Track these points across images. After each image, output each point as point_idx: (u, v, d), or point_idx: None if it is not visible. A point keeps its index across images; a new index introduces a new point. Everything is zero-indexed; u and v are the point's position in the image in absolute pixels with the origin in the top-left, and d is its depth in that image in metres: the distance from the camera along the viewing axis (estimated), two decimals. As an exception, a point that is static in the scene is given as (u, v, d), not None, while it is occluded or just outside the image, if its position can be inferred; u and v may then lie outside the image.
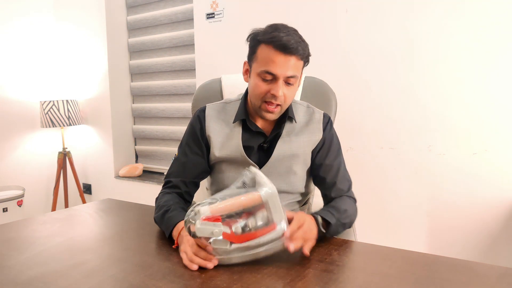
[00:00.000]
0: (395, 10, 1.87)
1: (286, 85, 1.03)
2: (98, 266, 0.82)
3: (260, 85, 1.04)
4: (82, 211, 1.24)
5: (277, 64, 1.00)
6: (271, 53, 1.00)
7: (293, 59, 1.00)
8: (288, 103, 1.07)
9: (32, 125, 3.06)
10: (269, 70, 1.01)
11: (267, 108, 1.05)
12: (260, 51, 1.03)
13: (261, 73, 1.03)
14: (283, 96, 1.03)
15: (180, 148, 1.19)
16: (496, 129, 1.70)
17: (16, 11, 2.93)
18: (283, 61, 1.00)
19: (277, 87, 1.01)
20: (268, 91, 1.03)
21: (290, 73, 1.01)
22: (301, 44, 1.01)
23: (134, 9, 3.04)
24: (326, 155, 1.15)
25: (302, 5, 2.10)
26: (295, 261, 0.84)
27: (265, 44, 1.01)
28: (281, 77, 1.01)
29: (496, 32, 1.67)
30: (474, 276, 0.76)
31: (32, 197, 3.08)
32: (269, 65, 1.01)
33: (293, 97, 1.08)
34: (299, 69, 1.04)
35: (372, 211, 2.00)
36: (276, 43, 0.99)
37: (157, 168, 3.06)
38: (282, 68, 1.00)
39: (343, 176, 1.15)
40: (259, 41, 1.03)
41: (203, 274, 0.78)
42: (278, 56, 1.00)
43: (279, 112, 1.07)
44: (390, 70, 1.90)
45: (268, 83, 1.03)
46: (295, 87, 1.06)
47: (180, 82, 2.84)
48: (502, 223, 1.73)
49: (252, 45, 1.06)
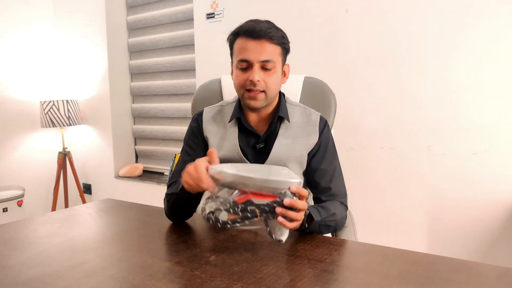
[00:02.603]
0: (395, 10, 1.87)
1: (263, 70, 1.05)
2: (98, 266, 0.82)
3: (239, 75, 1.07)
4: (82, 211, 1.24)
5: (249, 50, 1.04)
6: (243, 41, 1.05)
7: (265, 43, 1.04)
8: (272, 89, 1.07)
9: (32, 125, 3.06)
10: (243, 57, 1.05)
11: (249, 95, 1.07)
12: (235, 45, 1.08)
13: (237, 63, 1.07)
14: (262, 81, 1.05)
15: (181, 151, 1.21)
16: (496, 129, 1.70)
17: (16, 11, 2.93)
18: (254, 46, 1.04)
19: (253, 73, 1.04)
20: (247, 79, 1.05)
21: (264, 57, 1.04)
22: (273, 30, 1.04)
23: (134, 9, 3.04)
24: (321, 160, 1.14)
25: (302, 5, 2.10)
26: (295, 261, 0.84)
27: (237, 36, 1.07)
28: (255, 62, 1.04)
29: (496, 32, 1.67)
30: (474, 276, 0.76)
31: (32, 197, 3.08)
32: (242, 53, 1.05)
33: (277, 84, 1.09)
34: (275, 55, 1.06)
35: (372, 211, 2.00)
36: (244, 30, 1.05)
37: (157, 168, 3.06)
38: (254, 53, 1.04)
39: (337, 182, 1.15)
40: (233, 35, 1.09)
41: (203, 274, 0.78)
42: (248, 42, 1.04)
43: (265, 100, 1.08)
44: (390, 70, 1.90)
45: (246, 72, 1.06)
46: (275, 73, 1.07)
47: (180, 82, 2.84)
48: (502, 223, 1.73)
49: (229, 43, 1.11)
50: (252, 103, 1.08)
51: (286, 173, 0.91)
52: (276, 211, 0.84)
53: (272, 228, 0.88)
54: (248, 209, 0.83)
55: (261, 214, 0.84)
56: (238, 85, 1.08)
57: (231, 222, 0.85)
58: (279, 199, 0.84)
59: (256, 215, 0.84)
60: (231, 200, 0.83)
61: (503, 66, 1.67)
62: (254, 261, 0.83)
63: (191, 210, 1.08)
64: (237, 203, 0.83)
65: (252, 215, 0.83)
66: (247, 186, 0.83)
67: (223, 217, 0.84)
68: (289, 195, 0.84)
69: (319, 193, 1.14)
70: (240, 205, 0.83)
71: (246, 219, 0.84)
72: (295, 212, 0.86)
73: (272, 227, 0.88)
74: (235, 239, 0.96)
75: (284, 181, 0.84)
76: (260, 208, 0.83)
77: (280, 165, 1.11)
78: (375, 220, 2.00)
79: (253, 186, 0.83)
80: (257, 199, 0.83)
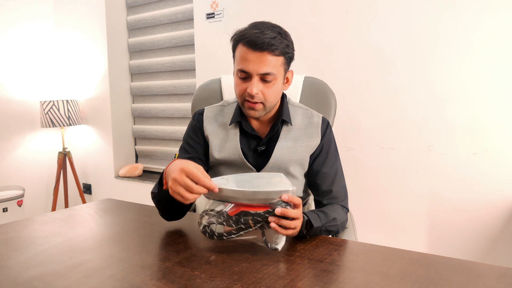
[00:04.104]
0: (395, 10, 1.87)
1: (263, 82, 1.02)
2: (98, 266, 0.82)
3: (238, 84, 1.05)
4: (82, 211, 1.24)
5: (249, 62, 1.00)
6: (244, 51, 1.01)
7: (267, 55, 0.99)
8: (270, 101, 1.05)
9: (32, 125, 3.06)
10: (242, 68, 1.02)
11: (248, 105, 1.05)
12: (237, 51, 1.05)
13: (237, 72, 1.04)
14: (260, 94, 1.02)
15: (180, 149, 1.20)
16: (496, 129, 1.70)
17: (17, 11, 2.93)
18: (254, 58, 1.00)
19: (252, 85, 1.01)
20: (245, 90, 1.03)
21: (264, 70, 1.00)
22: (277, 40, 1.00)
23: (134, 9, 3.04)
24: (323, 163, 1.13)
25: (302, 5, 2.10)
26: (295, 261, 0.84)
27: (239, 42, 1.03)
28: (254, 74, 1.01)
29: (496, 32, 1.67)
30: (474, 276, 0.76)
31: (32, 197, 3.08)
32: (242, 63, 1.02)
33: (276, 95, 1.07)
34: (277, 66, 1.02)
35: (372, 211, 2.00)
36: (246, 40, 1.00)
37: (157, 168, 3.06)
38: (254, 65, 1.00)
39: (339, 185, 1.14)
40: (235, 40, 1.05)
41: (203, 274, 0.78)
42: (250, 53, 1.00)
43: (263, 110, 1.06)
44: (390, 70, 1.90)
45: (245, 82, 1.04)
46: (275, 85, 1.04)
47: (180, 82, 2.84)
48: (502, 223, 1.73)
49: (232, 45, 1.08)
50: (250, 113, 1.06)
51: (278, 181, 0.90)
52: (269, 220, 0.84)
53: (269, 236, 0.88)
54: (241, 220, 0.85)
55: (255, 224, 0.85)
56: (237, 94, 1.07)
57: (227, 234, 0.88)
58: (271, 209, 0.84)
59: (250, 226, 0.85)
60: (225, 213, 0.85)
61: (503, 66, 1.67)
62: (254, 261, 0.83)
63: (180, 209, 1.03)
64: (230, 216, 0.85)
65: (246, 226, 0.86)
66: (238, 199, 0.85)
67: (218, 230, 0.88)
68: (281, 204, 0.84)
69: (320, 195, 1.13)
70: (234, 217, 0.85)
71: (241, 230, 0.86)
72: (288, 220, 0.85)
73: (268, 235, 0.88)
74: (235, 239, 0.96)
75: (274, 191, 0.84)
76: (254, 218, 0.85)
77: (281, 167, 1.11)
78: (375, 220, 2.00)
79: (243, 199, 0.84)
80: (250, 210, 0.85)
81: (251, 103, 1.04)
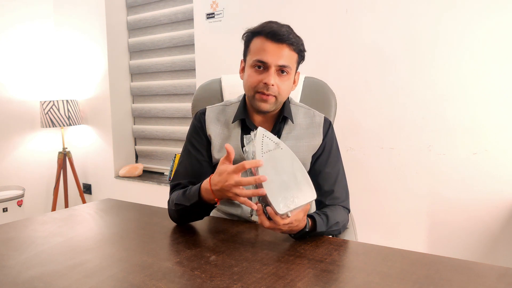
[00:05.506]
0: (395, 10, 1.87)
1: (279, 74, 1.04)
2: (98, 266, 0.82)
3: (252, 75, 1.05)
4: (82, 211, 1.24)
5: (268, 52, 1.02)
6: (263, 42, 1.03)
7: (285, 48, 1.02)
8: (283, 95, 1.07)
9: (32, 125, 3.06)
10: (261, 58, 1.03)
11: (261, 97, 1.05)
12: (252, 43, 1.06)
13: (253, 63, 1.05)
14: (276, 87, 1.04)
15: (183, 151, 1.19)
16: (496, 129, 1.70)
17: (17, 11, 2.93)
18: (274, 49, 1.02)
19: (269, 76, 1.03)
20: (261, 81, 1.04)
21: (282, 62, 1.03)
22: (293, 35, 1.04)
23: (134, 9, 3.04)
24: (325, 163, 1.13)
25: (302, 5, 2.10)
26: (295, 261, 0.84)
27: (257, 35, 1.05)
28: (272, 65, 1.02)
29: (496, 32, 1.67)
30: (474, 276, 0.76)
31: (32, 197, 3.08)
32: (260, 53, 1.03)
33: (288, 91, 1.09)
34: (292, 61, 1.05)
35: (372, 211, 2.00)
36: (266, 31, 1.02)
37: (157, 168, 3.07)
38: (273, 56, 1.02)
39: (340, 185, 1.14)
40: (252, 34, 1.06)
41: (203, 274, 0.78)
42: (269, 44, 1.02)
43: (274, 104, 1.07)
44: (390, 70, 1.90)
45: (261, 73, 1.04)
46: (289, 80, 1.07)
47: (180, 82, 2.84)
48: (502, 223, 1.73)
49: (246, 40, 1.09)
50: (262, 105, 1.06)
51: (301, 179, 0.92)
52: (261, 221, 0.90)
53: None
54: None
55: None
56: (250, 85, 1.06)
57: None
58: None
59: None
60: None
61: (503, 66, 1.67)
62: (254, 261, 0.83)
63: (203, 216, 1.07)
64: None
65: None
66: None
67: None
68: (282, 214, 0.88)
69: (322, 195, 1.13)
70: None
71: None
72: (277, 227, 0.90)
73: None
74: (235, 239, 0.96)
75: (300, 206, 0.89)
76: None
77: None
78: (375, 220, 2.00)
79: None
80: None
81: (264, 95, 1.04)
